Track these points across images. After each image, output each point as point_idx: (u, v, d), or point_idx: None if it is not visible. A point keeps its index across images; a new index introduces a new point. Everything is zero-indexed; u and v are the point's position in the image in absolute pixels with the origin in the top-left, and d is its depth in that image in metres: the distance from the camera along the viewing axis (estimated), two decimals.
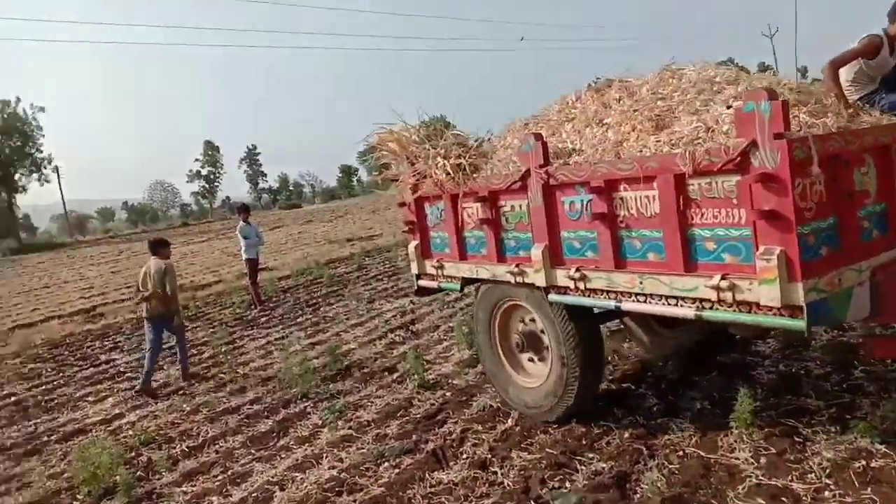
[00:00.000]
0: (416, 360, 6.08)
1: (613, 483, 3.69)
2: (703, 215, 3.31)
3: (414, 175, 5.00)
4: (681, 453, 3.94)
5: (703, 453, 3.89)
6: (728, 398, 4.42)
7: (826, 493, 3.34)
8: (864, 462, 3.53)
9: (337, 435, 5.06)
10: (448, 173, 4.69)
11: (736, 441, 3.94)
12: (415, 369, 5.98)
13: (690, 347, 5.35)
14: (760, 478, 3.55)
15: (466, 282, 4.98)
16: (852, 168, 3.26)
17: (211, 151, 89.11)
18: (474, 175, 4.60)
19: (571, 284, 4.00)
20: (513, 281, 4.40)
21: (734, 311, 3.24)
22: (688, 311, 3.45)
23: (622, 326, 5.93)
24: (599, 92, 4.63)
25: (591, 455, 4.10)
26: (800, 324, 2.99)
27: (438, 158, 4.79)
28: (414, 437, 4.78)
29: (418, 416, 5.19)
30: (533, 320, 4.63)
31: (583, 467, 3.95)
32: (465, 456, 4.37)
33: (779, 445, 3.83)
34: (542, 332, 4.54)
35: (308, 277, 14.06)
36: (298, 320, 9.91)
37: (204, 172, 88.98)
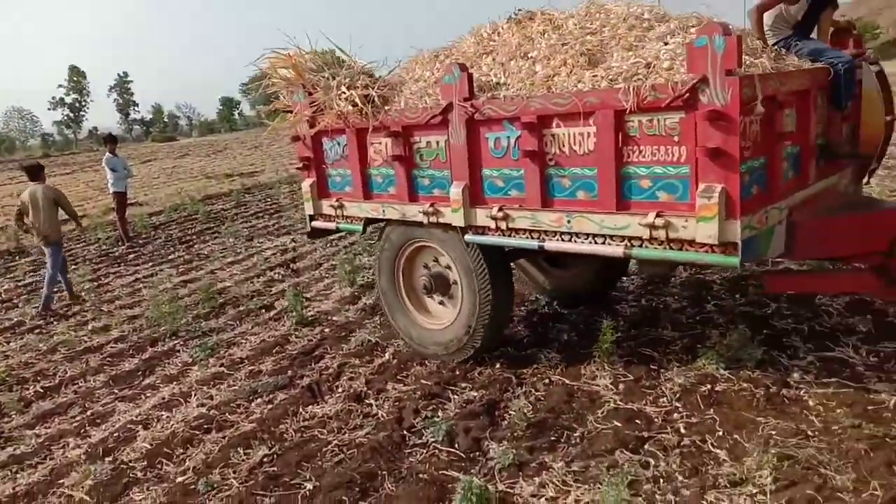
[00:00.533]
0: (295, 297, 5.97)
1: (483, 410, 3.82)
2: (640, 153, 3.26)
3: (312, 106, 4.60)
4: (547, 381, 4.13)
5: (567, 381, 4.09)
6: (594, 330, 4.66)
7: (675, 414, 3.61)
8: (709, 386, 3.83)
9: (207, 373, 4.92)
10: (355, 104, 4.32)
11: (598, 369, 4.17)
12: (293, 306, 5.87)
13: (584, 289, 5.31)
14: (618, 402, 3.78)
15: (369, 222, 4.72)
16: (783, 109, 3.34)
17: (77, 77, 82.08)
18: (385, 108, 4.26)
19: (492, 224, 3.87)
20: (426, 221, 4.20)
21: (665, 248, 3.27)
22: (616, 250, 3.44)
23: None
24: (520, 24, 4.36)
25: (463, 385, 4.21)
26: (734, 260, 3.07)
27: (343, 88, 4.41)
28: (289, 372, 4.72)
29: (294, 352, 5.12)
30: (442, 261, 4.48)
31: (455, 396, 4.06)
32: (340, 390, 4.37)
33: (636, 373, 4.09)
34: (451, 272, 4.43)
35: (182, 214, 13.39)
36: (170, 258, 9.44)
37: (68, 100, 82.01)
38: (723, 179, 3.01)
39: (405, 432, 3.71)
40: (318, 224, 5.08)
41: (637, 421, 3.58)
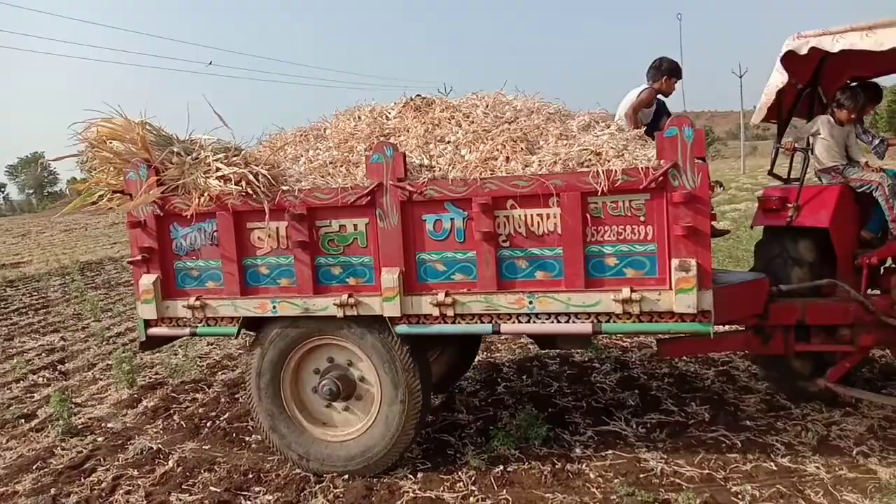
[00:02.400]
0: (62, 402, 5.29)
1: None
2: (606, 233, 3.45)
3: (159, 185, 3.97)
4: (346, 477, 4.01)
5: (366, 476, 4.01)
6: None
7: (472, 498, 3.67)
8: (502, 467, 3.97)
9: None
10: (237, 184, 3.83)
11: (397, 460, 4.14)
12: (59, 413, 5.20)
13: (437, 377, 5.05)
14: (416, 492, 3.77)
15: (247, 323, 4.09)
16: None
17: None
18: (282, 187, 3.83)
19: (436, 311, 3.67)
20: (341, 314, 3.81)
21: (636, 321, 3.44)
22: (584, 327, 3.52)
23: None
24: (419, 109, 4.35)
25: (257, 489, 3.96)
26: (708, 327, 3.36)
27: (219, 164, 3.92)
28: (52, 490, 4.12)
29: (60, 466, 4.49)
30: (343, 360, 4.07)
31: (248, 502, 3.80)
32: None
33: (434, 460, 4.14)
34: (356, 370, 4.05)
35: None
36: None
37: None
38: (695, 254, 3.32)
39: None
40: (158, 331, 4.22)
41: None
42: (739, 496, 3.51)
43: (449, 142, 3.95)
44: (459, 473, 3.95)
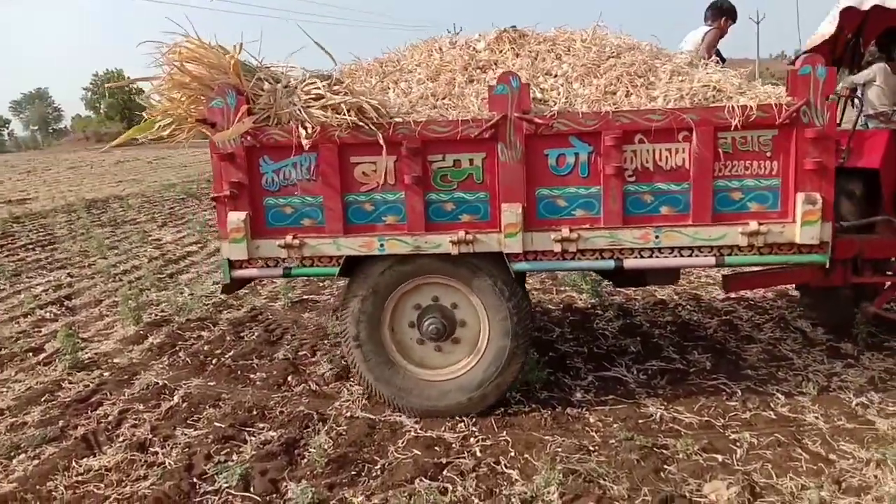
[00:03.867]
0: (68, 337, 5.36)
1: (282, 450, 3.67)
2: (733, 168, 3.56)
3: (251, 115, 3.67)
4: (349, 416, 4.07)
5: (370, 415, 4.06)
6: None
7: (472, 439, 3.73)
8: (503, 409, 4.02)
9: None
10: (349, 114, 3.58)
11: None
12: (66, 348, 5.26)
13: None
14: (418, 431, 3.83)
15: (349, 262, 3.88)
16: None
17: None
18: (396, 119, 3.64)
19: (557, 248, 3.64)
20: (455, 252, 3.70)
21: (757, 254, 3.63)
22: (708, 260, 3.66)
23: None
24: (515, 42, 4.21)
25: (261, 425, 4.02)
26: (824, 257, 3.61)
27: (328, 93, 3.66)
28: (60, 423, 4.19)
29: (67, 399, 4.57)
30: (452, 300, 3.96)
31: (252, 438, 3.86)
32: (121, 439, 3.96)
33: None
34: (460, 309, 3.96)
35: None
36: None
37: None
38: (820, 189, 3.49)
39: (195, 480, 3.44)
40: (246, 272, 3.94)
41: (436, 448, 3.64)
42: (737, 443, 3.55)
43: (556, 75, 3.88)
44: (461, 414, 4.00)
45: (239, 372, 4.89)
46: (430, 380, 4.03)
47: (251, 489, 3.33)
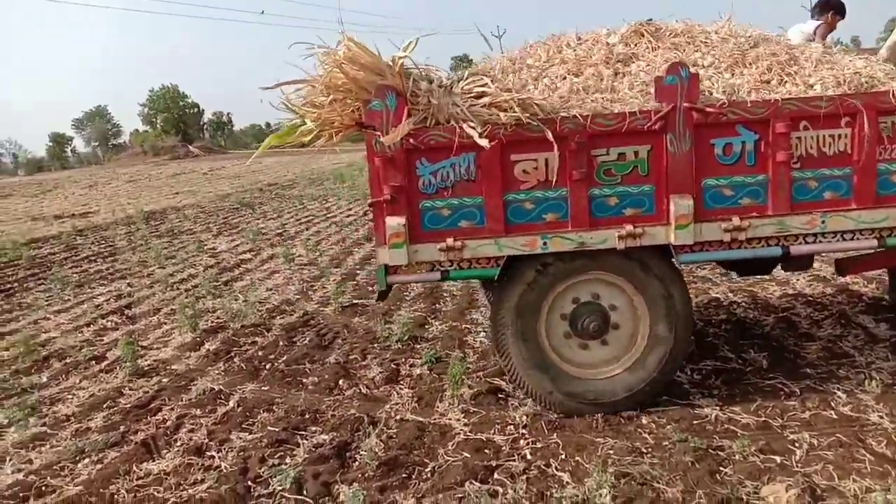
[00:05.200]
0: (129, 345, 5.55)
1: (334, 453, 3.71)
2: (893, 151, 3.63)
3: (410, 115, 3.57)
4: (399, 419, 4.09)
5: (419, 417, 4.08)
6: (446, 363, 4.71)
7: (521, 441, 3.71)
8: (552, 412, 3.98)
9: (26, 434, 4.41)
10: (513, 111, 3.51)
11: (449, 403, 4.21)
12: (126, 356, 5.45)
13: None
14: (468, 434, 3.83)
15: (509, 263, 3.81)
16: None
17: None
18: (562, 114, 3.58)
19: (727, 237, 3.67)
20: (622, 246, 3.67)
21: None
22: (869, 242, 3.73)
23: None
24: (654, 35, 4.26)
25: (313, 429, 4.08)
26: None
27: (493, 91, 3.60)
28: (121, 428, 4.35)
29: (128, 405, 4.73)
30: (610, 295, 3.92)
31: (304, 441, 3.92)
32: (179, 443, 4.08)
33: (485, 403, 4.17)
34: (616, 304, 3.92)
35: (1, 260, 12.13)
36: None
37: None
38: None
39: (250, 483, 3.52)
40: (402, 277, 3.83)
41: (486, 451, 3.63)
42: (796, 444, 3.44)
43: (704, 66, 3.94)
44: (511, 416, 3.99)
45: (292, 376, 4.97)
46: (584, 377, 3.98)
47: (304, 492, 3.38)
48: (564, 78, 4.02)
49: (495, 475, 3.38)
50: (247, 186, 23.02)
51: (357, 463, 3.63)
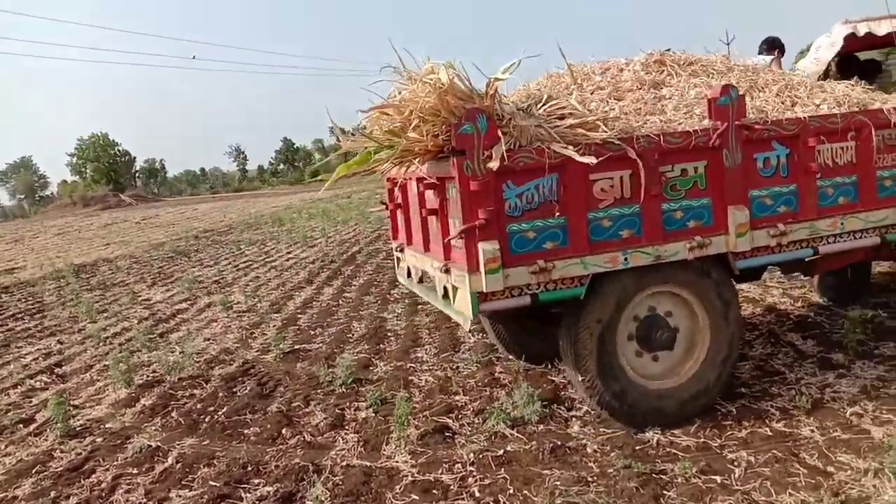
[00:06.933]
0: (59, 405, 5.30)
1: None
2: (885, 159, 4.27)
3: (500, 137, 3.52)
4: (345, 465, 4.02)
5: (366, 462, 4.02)
6: (392, 404, 4.67)
7: (469, 479, 3.69)
8: (500, 446, 3.99)
9: None
10: (594, 132, 3.70)
11: (396, 446, 4.16)
12: (57, 416, 5.20)
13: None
14: (415, 475, 3.79)
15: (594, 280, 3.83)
16: None
17: None
18: (637, 133, 3.75)
19: (773, 242, 4.05)
20: (691, 257, 3.88)
21: None
22: (875, 239, 4.31)
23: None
24: (674, 64, 4.73)
25: (257, 481, 3.97)
26: None
27: (580, 110, 3.81)
28: (52, 493, 4.12)
29: (59, 469, 4.49)
30: (665, 307, 4.08)
31: (247, 495, 3.80)
32: None
33: (432, 443, 4.14)
34: (677, 314, 4.09)
35: None
36: None
37: None
38: None
39: None
40: (494, 304, 3.71)
41: (434, 491, 3.60)
42: (735, 463, 3.53)
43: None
44: (458, 454, 3.96)
45: (232, 428, 4.83)
46: (651, 388, 4.09)
47: None
48: (606, 101, 4.26)
49: None
50: (181, 234, 22.52)
51: None
